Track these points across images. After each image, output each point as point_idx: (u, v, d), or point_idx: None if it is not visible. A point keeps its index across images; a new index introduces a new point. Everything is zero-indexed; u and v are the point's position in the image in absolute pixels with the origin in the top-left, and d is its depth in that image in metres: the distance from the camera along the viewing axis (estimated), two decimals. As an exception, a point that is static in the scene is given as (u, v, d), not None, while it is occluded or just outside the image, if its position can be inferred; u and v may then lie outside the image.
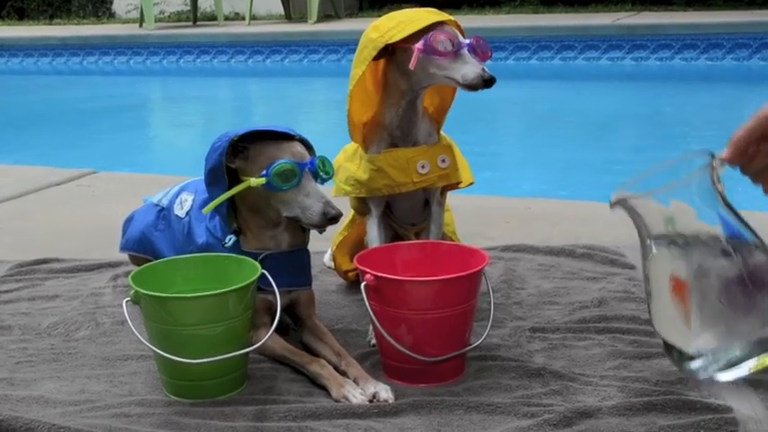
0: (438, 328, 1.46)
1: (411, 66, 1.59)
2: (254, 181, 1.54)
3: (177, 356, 1.41)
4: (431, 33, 1.58)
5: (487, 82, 1.55)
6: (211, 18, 10.25)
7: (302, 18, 9.40)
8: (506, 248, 2.18)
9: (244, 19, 9.47)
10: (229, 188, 1.57)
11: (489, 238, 2.24)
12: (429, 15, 1.61)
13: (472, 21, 8.03)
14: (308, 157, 1.58)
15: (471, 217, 2.36)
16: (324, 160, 1.59)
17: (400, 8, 1.86)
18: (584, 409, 1.35)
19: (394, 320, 1.46)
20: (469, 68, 1.56)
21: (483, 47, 1.61)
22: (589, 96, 6.39)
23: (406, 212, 1.83)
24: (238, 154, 1.58)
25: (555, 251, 2.15)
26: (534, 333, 1.68)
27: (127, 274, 1.90)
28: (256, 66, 8.36)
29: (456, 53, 1.57)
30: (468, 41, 1.59)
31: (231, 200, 1.61)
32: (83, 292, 1.97)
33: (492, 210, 2.60)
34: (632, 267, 2.01)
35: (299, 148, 1.59)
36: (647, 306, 1.32)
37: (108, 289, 1.99)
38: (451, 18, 1.64)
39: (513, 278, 1.97)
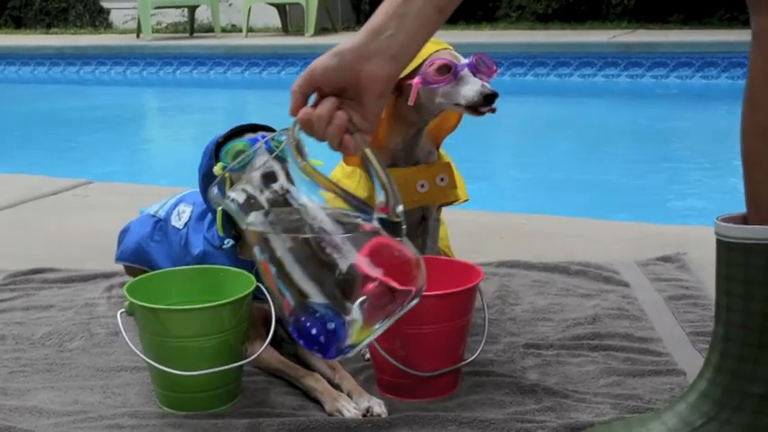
0: (432, 344, 1.46)
1: (410, 102, 1.58)
2: (217, 169, 1.53)
3: (171, 368, 1.41)
4: (424, 64, 1.56)
5: (487, 97, 1.50)
6: (208, 30, 10.27)
7: (299, 31, 9.42)
8: (501, 264, 2.19)
9: (241, 31, 9.49)
10: None
11: (484, 254, 2.24)
12: (427, 47, 1.57)
13: (468, 36, 8.06)
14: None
15: (466, 232, 2.37)
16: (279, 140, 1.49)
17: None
18: (577, 425, 1.35)
19: (388, 335, 1.46)
20: (469, 88, 1.53)
21: (486, 63, 1.57)
22: (584, 113, 6.41)
23: (402, 228, 1.83)
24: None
25: (549, 267, 2.16)
26: (528, 349, 1.68)
27: (122, 284, 1.90)
28: (253, 78, 8.36)
29: (456, 75, 1.55)
30: (466, 61, 1.56)
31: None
32: (77, 303, 1.97)
33: (486, 225, 2.60)
34: (626, 285, 2.02)
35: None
36: None
37: (102, 300, 1.99)
38: (448, 46, 1.62)
39: (507, 294, 1.98)
